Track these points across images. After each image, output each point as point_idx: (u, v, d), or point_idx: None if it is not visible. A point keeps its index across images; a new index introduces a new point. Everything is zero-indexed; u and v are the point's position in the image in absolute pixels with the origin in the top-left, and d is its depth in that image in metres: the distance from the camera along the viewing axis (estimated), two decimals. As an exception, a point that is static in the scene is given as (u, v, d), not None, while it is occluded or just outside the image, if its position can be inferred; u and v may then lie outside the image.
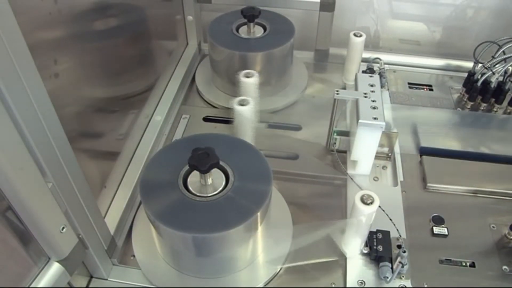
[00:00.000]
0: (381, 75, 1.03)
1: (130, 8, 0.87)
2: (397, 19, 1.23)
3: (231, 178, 0.67)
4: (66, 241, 0.57)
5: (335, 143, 0.89)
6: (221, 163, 0.68)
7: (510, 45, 0.99)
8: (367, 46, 1.18)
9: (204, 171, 0.63)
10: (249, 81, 0.87)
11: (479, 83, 1.01)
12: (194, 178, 0.68)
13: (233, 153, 0.71)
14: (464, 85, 1.07)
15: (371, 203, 0.63)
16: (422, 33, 1.24)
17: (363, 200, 0.63)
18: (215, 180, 0.67)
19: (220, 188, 0.66)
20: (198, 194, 0.66)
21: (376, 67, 1.07)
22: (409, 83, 1.11)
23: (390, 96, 1.04)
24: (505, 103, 1.02)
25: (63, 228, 0.54)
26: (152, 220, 0.65)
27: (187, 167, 0.68)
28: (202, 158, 0.63)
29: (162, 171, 0.69)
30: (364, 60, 1.09)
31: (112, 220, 0.74)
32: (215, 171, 0.67)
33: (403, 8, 1.21)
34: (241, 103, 0.82)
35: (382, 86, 1.02)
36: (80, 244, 0.60)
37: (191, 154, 0.64)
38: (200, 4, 1.14)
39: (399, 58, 1.18)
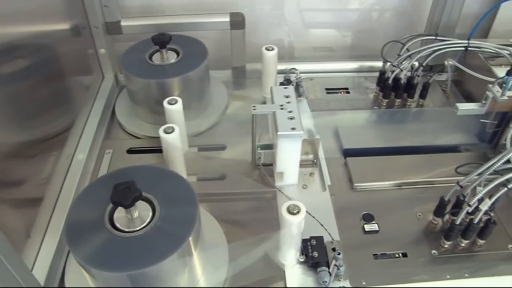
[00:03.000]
0: (298, 85, 1.06)
1: (37, 48, 0.85)
2: (309, 28, 1.27)
3: (157, 208, 0.66)
4: (-15, 303, 0.54)
5: (260, 158, 0.89)
6: (145, 194, 0.67)
7: (412, 42, 1.05)
8: (283, 58, 1.21)
9: (128, 205, 0.62)
10: (174, 108, 0.87)
11: (390, 81, 1.06)
12: (120, 214, 0.66)
13: (156, 182, 0.70)
14: (377, 84, 1.12)
15: (298, 212, 0.64)
16: (334, 38, 1.29)
17: (289, 211, 0.64)
18: (142, 212, 0.66)
19: (148, 220, 0.65)
20: (126, 230, 0.64)
21: (293, 77, 1.09)
22: (326, 89, 1.14)
23: (309, 104, 1.06)
24: (417, 96, 1.08)
25: (-19, 289, 0.52)
26: (82, 265, 0.62)
27: (111, 204, 0.66)
28: (124, 193, 0.62)
29: (86, 212, 0.67)
30: (281, 72, 1.11)
31: (41, 271, 0.71)
32: (140, 203, 0.66)
33: (314, 16, 1.25)
34: (167, 131, 0.82)
35: (300, 95, 1.05)
36: (4, 303, 0.56)
37: (112, 191, 0.62)
38: (111, 36, 1.12)
39: (315, 66, 1.21)
